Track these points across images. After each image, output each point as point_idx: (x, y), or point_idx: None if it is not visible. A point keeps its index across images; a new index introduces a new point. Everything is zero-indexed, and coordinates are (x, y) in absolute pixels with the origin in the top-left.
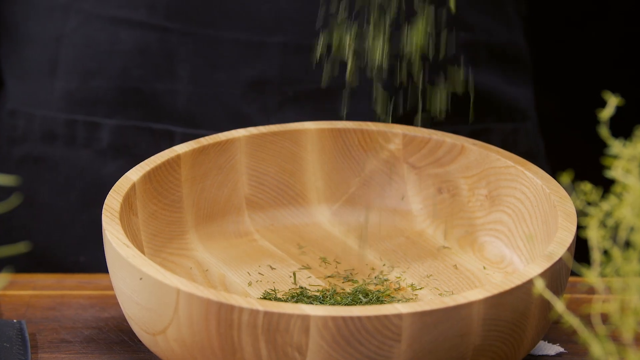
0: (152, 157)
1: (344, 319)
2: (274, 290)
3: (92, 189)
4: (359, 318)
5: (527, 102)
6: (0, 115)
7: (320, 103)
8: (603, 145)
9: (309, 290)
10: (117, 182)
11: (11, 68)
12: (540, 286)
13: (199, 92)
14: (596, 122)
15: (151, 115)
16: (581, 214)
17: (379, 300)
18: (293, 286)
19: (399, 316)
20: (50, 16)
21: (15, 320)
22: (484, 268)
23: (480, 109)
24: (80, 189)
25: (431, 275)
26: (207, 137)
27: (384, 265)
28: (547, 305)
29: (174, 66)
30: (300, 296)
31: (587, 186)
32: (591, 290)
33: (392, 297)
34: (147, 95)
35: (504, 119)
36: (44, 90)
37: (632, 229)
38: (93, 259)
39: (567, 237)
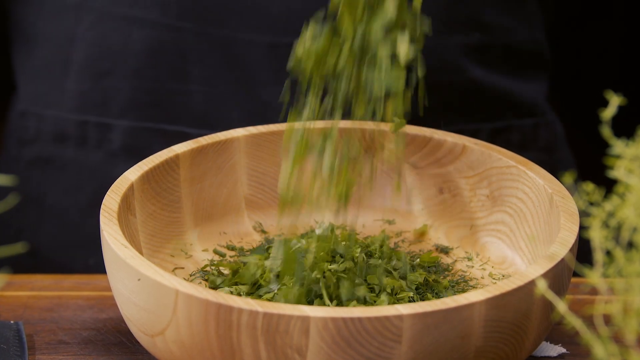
0: (151, 157)
1: (344, 320)
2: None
3: (103, 191)
4: (359, 319)
5: (544, 96)
6: (10, 117)
7: None
8: (605, 144)
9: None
10: (115, 182)
11: (23, 69)
12: (542, 287)
13: (214, 92)
14: (598, 121)
15: (165, 117)
16: (583, 214)
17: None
18: None
19: (400, 317)
20: (62, 16)
21: (12, 322)
22: (484, 269)
23: (499, 107)
24: (91, 191)
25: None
26: (205, 137)
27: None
28: (549, 306)
29: (188, 66)
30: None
31: (589, 186)
32: (594, 291)
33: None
34: (161, 96)
35: (524, 115)
36: (56, 90)
37: (635, 230)
38: (103, 262)
39: (569, 237)
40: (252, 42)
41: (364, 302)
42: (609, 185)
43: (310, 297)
